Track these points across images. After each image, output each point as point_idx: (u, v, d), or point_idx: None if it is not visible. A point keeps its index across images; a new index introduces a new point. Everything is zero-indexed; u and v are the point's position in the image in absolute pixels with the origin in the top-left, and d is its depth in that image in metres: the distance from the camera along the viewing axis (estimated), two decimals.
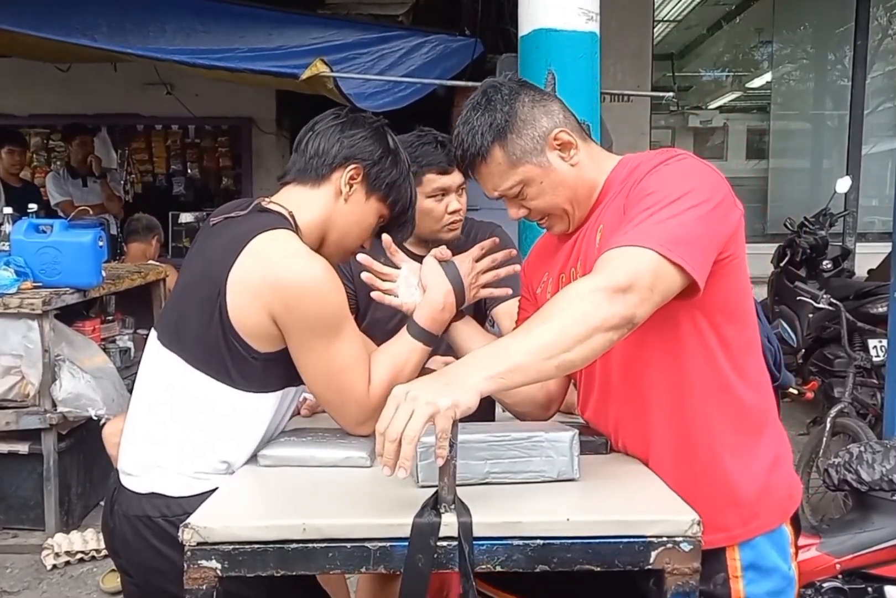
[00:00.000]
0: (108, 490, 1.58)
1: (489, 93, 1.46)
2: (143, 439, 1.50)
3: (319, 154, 1.53)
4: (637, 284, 1.21)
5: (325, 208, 1.53)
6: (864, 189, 6.69)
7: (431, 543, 1.15)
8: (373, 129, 1.57)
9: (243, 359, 1.42)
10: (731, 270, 1.36)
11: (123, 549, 1.49)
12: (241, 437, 1.46)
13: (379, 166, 1.54)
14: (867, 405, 3.84)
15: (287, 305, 1.38)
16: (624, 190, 1.41)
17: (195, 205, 7.44)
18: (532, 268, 1.66)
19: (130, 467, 1.50)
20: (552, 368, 1.20)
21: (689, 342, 1.38)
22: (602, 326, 1.19)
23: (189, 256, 1.59)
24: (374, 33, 5.05)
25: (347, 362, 1.45)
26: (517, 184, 1.45)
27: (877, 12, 6.84)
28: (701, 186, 1.32)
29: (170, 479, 1.44)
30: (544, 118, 1.44)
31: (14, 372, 3.35)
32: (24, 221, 3.48)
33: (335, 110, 1.61)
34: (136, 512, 1.45)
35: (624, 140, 5.41)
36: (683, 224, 1.26)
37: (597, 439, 1.49)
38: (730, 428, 1.39)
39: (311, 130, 1.57)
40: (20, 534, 3.49)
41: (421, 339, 1.55)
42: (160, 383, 1.50)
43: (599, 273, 1.25)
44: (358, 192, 1.54)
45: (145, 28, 4.47)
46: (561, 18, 2.83)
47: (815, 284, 4.75)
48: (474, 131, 1.43)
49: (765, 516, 1.41)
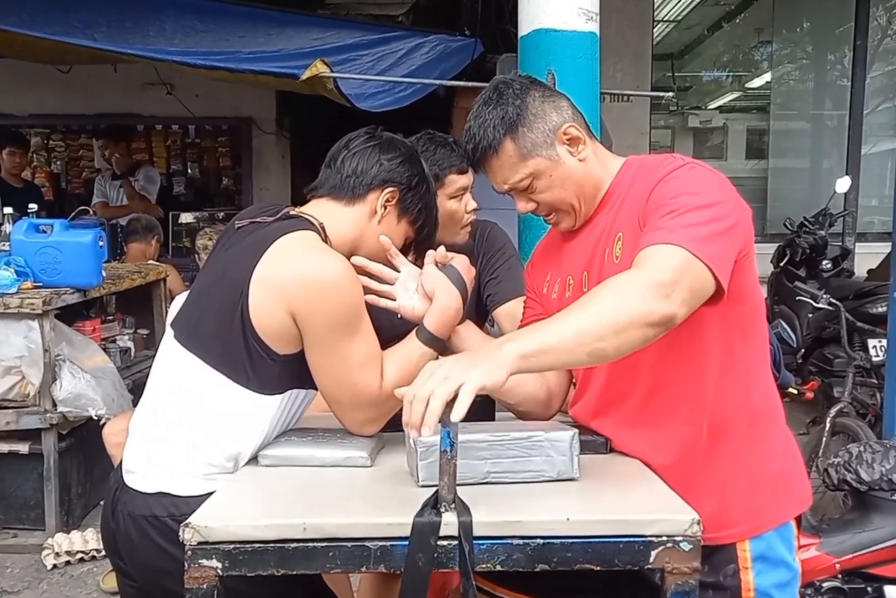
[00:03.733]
0: (108, 490, 1.57)
1: (500, 88, 1.48)
2: (152, 439, 1.50)
3: (357, 174, 1.57)
4: (681, 283, 1.23)
5: (357, 227, 1.57)
6: (863, 189, 6.68)
7: (432, 542, 1.15)
8: (409, 154, 1.62)
9: (262, 360, 1.43)
10: (744, 267, 1.39)
11: (127, 550, 1.49)
12: (249, 436, 1.46)
13: (414, 191, 1.60)
14: (867, 405, 3.84)
15: (308, 300, 1.40)
16: (634, 195, 1.42)
17: (195, 205, 7.45)
18: (536, 268, 1.67)
19: (137, 466, 1.50)
20: (584, 354, 1.20)
21: (708, 337, 1.39)
22: (641, 320, 1.20)
23: (212, 258, 1.60)
24: (374, 34, 5.05)
25: (363, 359, 1.46)
26: (527, 177, 1.47)
27: (877, 12, 6.83)
28: (718, 195, 1.35)
29: (178, 478, 1.45)
30: (554, 113, 1.47)
31: (14, 372, 3.35)
32: (25, 221, 3.48)
33: (369, 130, 1.65)
34: (142, 512, 1.45)
35: (624, 140, 5.42)
36: (711, 232, 1.29)
37: (597, 439, 1.49)
38: (745, 422, 1.41)
39: (346, 148, 1.61)
40: (20, 534, 3.49)
41: (431, 345, 1.57)
42: (173, 382, 1.51)
43: (643, 268, 1.26)
44: (391, 214, 1.59)
45: (145, 28, 4.46)
46: (561, 18, 2.83)
47: (814, 284, 4.75)
48: (486, 125, 1.46)
49: (782, 507, 1.42)
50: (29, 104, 6.98)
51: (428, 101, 4.85)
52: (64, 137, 7.46)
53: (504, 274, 2.06)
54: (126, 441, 1.58)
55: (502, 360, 1.16)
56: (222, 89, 6.11)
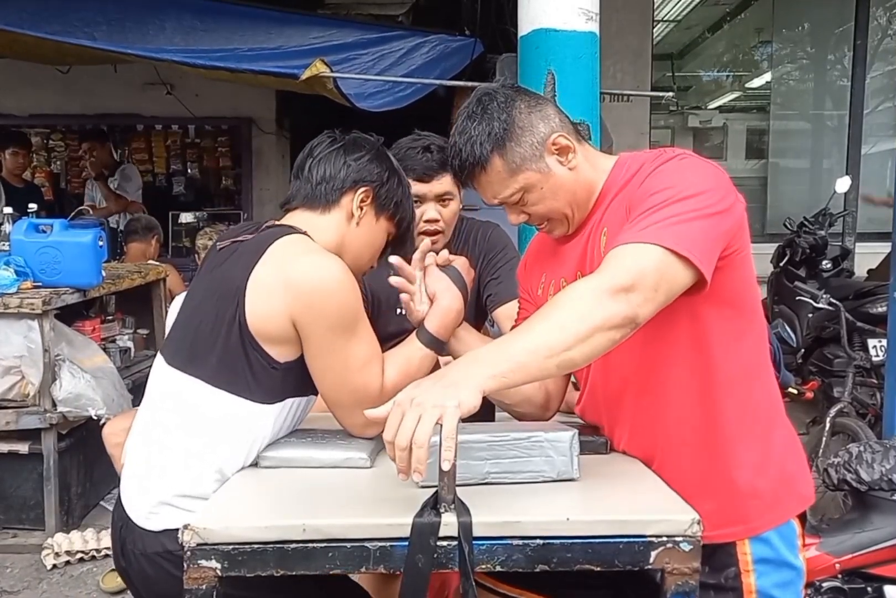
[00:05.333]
0: (113, 528, 1.53)
1: (484, 101, 1.44)
2: (154, 474, 1.46)
3: (327, 179, 1.55)
4: (640, 283, 1.22)
5: (337, 233, 1.55)
6: (863, 189, 6.68)
7: (431, 543, 1.15)
8: (374, 150, 1.59)
9: (263, 370, 1.42)
10: (738, 264, 1.37)
11: (144, 584, 1.47)
12: (251, 449, 1.45)
13: (387, 186, 1.58)
14: (867, 405, 3.84)
15: (307, 303, 1.38)
16: (625, 192, 1.41)
17: (195, 205, 7.45)
18: (529, 269, 1.66)
19: (142, 507, 1.46)
20: (553, 366, 1.20)
21: (704, 337, 1.38)
22: (603, 325, 1.20)
23: (197, 281, 1.58)
24: (373, 33, 5.05)
25: (363, 360, 1.45)
26: (518, 191, 1.44)
27: (876, 12, 6.83)
28: (703, 184, 1.32)
29: (183, 511, 1.41)
30: (541, 124, 1.43)
31: (14, 372, 3.35)
32: (24, 221, 3.48)
33: (328, 133, 1.62)
34: (154, 549, 1.43)
35: (624, 140, 5.42)
36: (688, 220, 1.27)
37: (597, 439, 1.49)
38: (746, 420, 1.40)
39: (311, 155, 1.58)
40: (20, 534, 3.49)
41: (432, 346, 1.56)
42: (174, 407, 1.46)
43: (602, 272, 1.25)
44: (368, 213, 1.57)
45: (145, 27, 4.47)
46: (561, 18, 2.83)
47: (814, 284, 4.75)
48: (472, 141, 1.42)
49: (782, 506, 1.42)
50: (29, 104, 6.98)
51: (428, 100, 4.85)
52: (64, 137, 7.45)
53: (505, 275, 2.06)
54: (125, 443, 1.56)
55: (473, 384, 1.15)
56: (222, 89, 6.11)
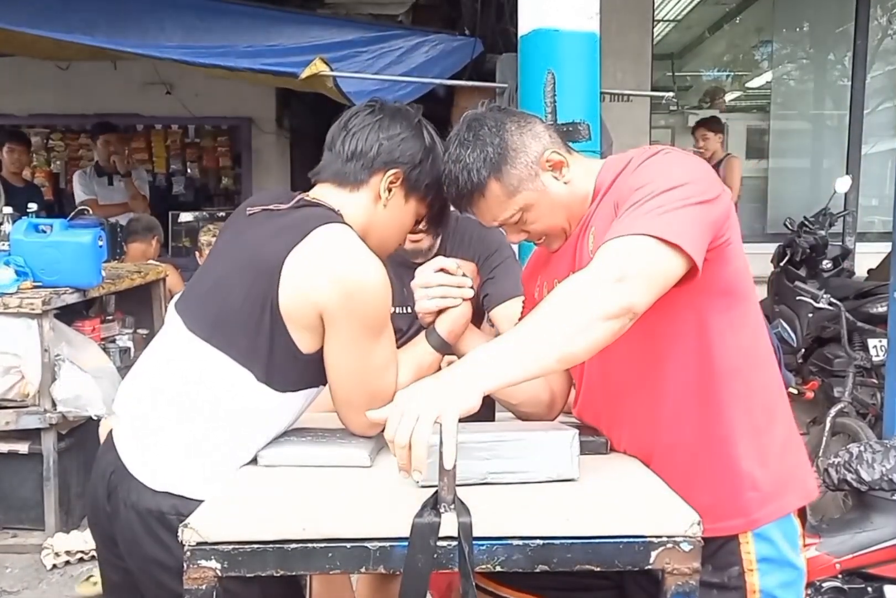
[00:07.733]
0: (98, 470, 1.48)
1: (474, 127, 1.45)
2: (162, 434, 1.41)
3: (357, 157, 1.48)
4: (633, 273, 1.22)
5: (365, 213, 1.50)
6: (863, 189, 6.68)
7: (431, 543, 1.15)
8: (412, 126, 1.52)
9: (285, 358, 1.39)
10: (729, 254, 1.37)
11: (127, 540, 1.41)
12: (264, 437, 1.44)
13: (419, 168, 1.51)
14: (867, 405, 3.84)
15: (346, 300, 1.35)
16: (612, 191, 1.41)
17: (195, 204, 7.45)
18: (529, 274, 1.68)
19: (143, 461, 1.41)
20: (553, 361, 1.20)
21: (701, 329, 1.38)
22: (601, 316, 1.20)
23: (223, 243, 1.53)
24: (373, 32, 5.05)
25: (383, 363, 1.44)
26: (517, 212, 1.45)
27: (876, 12, 6.82)
28: (688, 176, 1.33)
29: (188, 480, 1.38)
30: (533, 143, 1.44)
31: (14, 372, 3.35)
32: (24, 221, 3.48)
33: (369, 102, 1.54)
34: (148, 506, 1.38)
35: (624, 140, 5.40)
36: (675, 209, 1.27)
37: (597, 439, 1.48)
38: (745, 411, 1.40)
39: (345, 128, 1.51)
40: (20, 534, 3.48)
41: (441, 349, 1.56)
42: (188, 376, 1.42)
43: (594, 265, 1.26)
44: (397, 195, 1.51)
45: (144, 25, 4.47)
46: (561, 18, 2.83)
47: (814, 283, 4.74)
48: (468, 168, 1.42)
49: (783, 499, 1.42)
50: (29, 104, 6.98)
51: (427, 100, 4.85)
52: (64, 137, 7.46)
53: (501, 274, 2.06)
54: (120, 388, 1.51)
55: (472, 383, 1.16)
56: (222, 89, 6.11)
